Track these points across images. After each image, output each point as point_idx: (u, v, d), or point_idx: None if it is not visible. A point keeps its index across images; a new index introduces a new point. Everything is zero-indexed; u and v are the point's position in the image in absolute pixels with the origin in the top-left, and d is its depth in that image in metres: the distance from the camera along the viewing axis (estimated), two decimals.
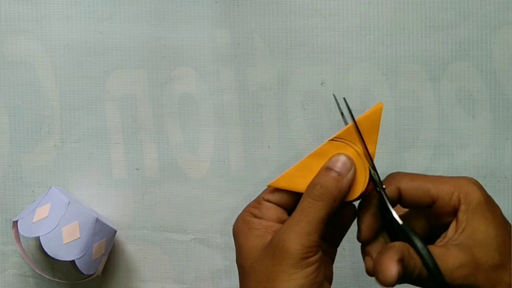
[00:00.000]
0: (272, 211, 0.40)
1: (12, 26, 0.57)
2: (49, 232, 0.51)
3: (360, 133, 0.39)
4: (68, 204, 0.52)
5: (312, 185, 0.39)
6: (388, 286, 0.36)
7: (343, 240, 0.58)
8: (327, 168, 0.39)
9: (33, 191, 0.58)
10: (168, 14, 0.57)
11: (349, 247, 0.58)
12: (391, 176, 0.41)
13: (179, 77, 0.57)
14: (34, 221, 0.52)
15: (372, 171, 0.39)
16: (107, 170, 0.58)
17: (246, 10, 0.57)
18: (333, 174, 0.38)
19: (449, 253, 0.38)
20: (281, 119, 0.58)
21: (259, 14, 0.57)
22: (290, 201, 0.40)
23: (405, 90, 0.57)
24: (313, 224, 0.37)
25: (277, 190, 0.40)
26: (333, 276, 0.59)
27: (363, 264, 0.58)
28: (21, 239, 0.57)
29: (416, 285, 0.38)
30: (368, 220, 0.41)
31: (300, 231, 0.37)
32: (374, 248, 0.40)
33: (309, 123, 0.57)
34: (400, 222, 0.39)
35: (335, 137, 0.39)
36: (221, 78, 0.57)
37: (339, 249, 0.58)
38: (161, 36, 0.57)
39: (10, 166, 0.58)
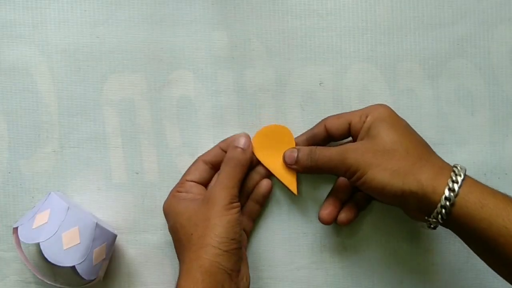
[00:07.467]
0: (195, 188, 0.54)
1: (9, 32, 0.57)
2: (49, 238, 0.51)
3: None
4: (68, 210, 0.52)
5: (228, 158, 0.53)
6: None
7: (344, 240, 0.58)
8: (235, 146, 0.53)
9: (32, 197, 0.58)
10: (164, 17, 0.57)
11: (350, 247, 0.58)
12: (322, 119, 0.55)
13: (176, 80, 0.57)
14: (34, 227, 0.51)
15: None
16: (106, 175, 0.58)
17: (242, 11, 0.57)
18: (239, 150, 0.53)
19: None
20: (280, 120, 0.57)
21: (256, 15, 0.57)
22: (208, 179, 0.55)
23: (404, 88, 0.57)
24: (233, 181, 0.52)
25: (197, 169, 0.55)
26: (334, 276, 0.59)
27: (363, 265, 0.58)
28: (21, 245, 0.56)
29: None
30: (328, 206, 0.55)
31: (226, 185, 0.51)
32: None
33: (308, 123, 0.57)
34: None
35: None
36: (219, 80, 0.57)
37: (340, 249, 0.58)
38: (158, 39, 0.57)
39: (9, 172, 0.58)
